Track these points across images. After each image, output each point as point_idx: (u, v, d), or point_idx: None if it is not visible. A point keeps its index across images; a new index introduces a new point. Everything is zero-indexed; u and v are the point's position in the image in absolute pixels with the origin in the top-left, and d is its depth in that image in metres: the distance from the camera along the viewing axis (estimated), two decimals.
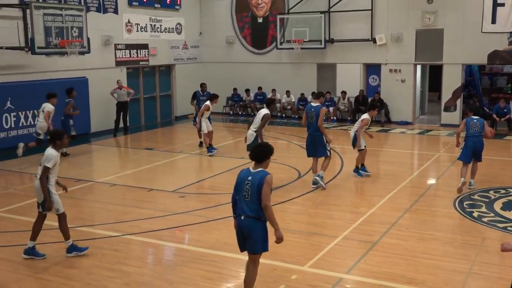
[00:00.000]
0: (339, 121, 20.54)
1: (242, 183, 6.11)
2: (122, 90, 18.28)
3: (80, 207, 10.29)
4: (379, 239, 8.36)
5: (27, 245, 7.86)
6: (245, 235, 6.14)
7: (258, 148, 6.36)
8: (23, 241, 8.42)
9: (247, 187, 6.06)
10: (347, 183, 11.82)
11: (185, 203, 10.52)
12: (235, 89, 22.31)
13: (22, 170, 13.40)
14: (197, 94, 17.10)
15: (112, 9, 18.86)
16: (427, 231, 8.80)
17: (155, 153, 15.49)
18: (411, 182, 12.08)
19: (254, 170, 6.17)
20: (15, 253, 7.98)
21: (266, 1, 22.10)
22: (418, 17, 19.34)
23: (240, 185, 6.13)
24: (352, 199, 10.74)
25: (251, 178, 6.09)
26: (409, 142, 17.25)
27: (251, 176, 6.11)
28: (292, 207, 10.19)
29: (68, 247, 7.88)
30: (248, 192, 6.05)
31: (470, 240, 8.41)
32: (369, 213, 9.67)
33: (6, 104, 15.09)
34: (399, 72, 19.98)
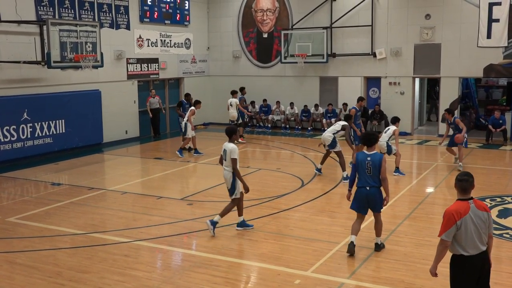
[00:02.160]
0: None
1: (364, 163, 7.74)
2: (155, 98, 19.38)
3: (93, 214, 10.30)
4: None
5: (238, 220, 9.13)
6: (370, 200, 7.84)
7: (370, 136, 7.97)
8: (38, 247, 8.46)
9: (368, 165, 7.72)
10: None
11: (193, 210, 10.52)
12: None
13: (37, 179, 13.45)
14: (183, 103, 17.92)
15: (125, 25, 18.99)
16: (425, 237, 8.75)
17: (165, 162, 15.52)
18: (410, 190, 12.04)
19: (370, 152, 7.81)
20: (31, 259, 8.00)
21: (271, 18, 22.20)
22: (416, 32, 19.37)
23: (362, 164, 7.75)
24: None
25: (370, 158, 7.74)
26: (408, 152, 17.19)
27: (370, 157, 7.76)
28: (295, 214, 10.17)
29: (240, 222, 9.13)
30: (370, 169, 7.73)
31: None
32: (370, 220, 9.61)
33: (23, 115, 15.17)
34: (398, 85, 19.98)
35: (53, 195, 11.80)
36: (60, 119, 16.31)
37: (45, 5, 15.90)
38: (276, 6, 22.00)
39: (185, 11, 21.75)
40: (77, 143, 16.95)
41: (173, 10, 21.10)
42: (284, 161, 15.48)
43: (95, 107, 17.56)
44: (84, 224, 9.68)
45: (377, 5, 20.01)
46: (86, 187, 12.43)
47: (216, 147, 17.61)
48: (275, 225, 9.48)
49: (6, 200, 11.63)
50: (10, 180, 13.43)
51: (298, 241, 8.64)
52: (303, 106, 21.40)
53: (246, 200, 10.41)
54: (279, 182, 12.91)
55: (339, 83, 21.12)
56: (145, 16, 19.73)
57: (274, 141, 19.08)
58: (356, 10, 20.28)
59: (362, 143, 8.13)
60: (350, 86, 20.75)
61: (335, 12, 20.70)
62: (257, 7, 22.40)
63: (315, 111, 21.12)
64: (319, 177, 13.16)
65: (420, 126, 21.90)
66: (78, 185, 12.72)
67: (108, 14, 18.21)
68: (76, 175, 13.83)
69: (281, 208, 10.45)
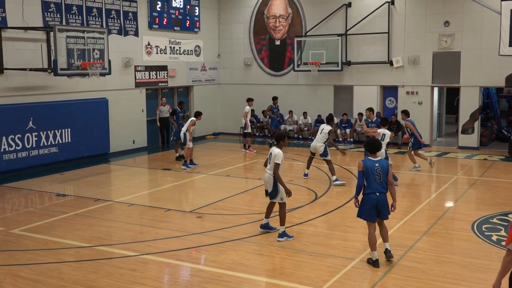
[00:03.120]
0: (356, 143, 20.48)
1: (373, 169, 7.96)
2: (165, 107, 19.40)
3: (99, 227, 10.34)
4: (397, 262, 8.27)
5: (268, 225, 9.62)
6: (380, 206, 8.01)
7: (374, 143, 8.25)
8: (42, 260, 8.50)
9: (378, 171, 7.96)
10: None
11: (202, 224, 10.52)
12: (252, 110, 22.37)
13: (42, 189, 13.54)
14: (177, 111, 18.17)
15: (133, 32, 19.16)
16: (445, 254, 8.69)
17: (173, 173, 15.56)
18: (429, 204, 11.97)
19: (376, 159, 8.08)
20: (35, 272, 8.04)
21: (283, 24, 22.29)
22: (435, 40, 19.34)
23: (371, 170, 7.95)
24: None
25: (378, 164, 8.00)
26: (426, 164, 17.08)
27: (377, 163, 8.02)
28: (309, 229, 10.14)
29: (281, 232, 9.29)
30: (380, 175, 7.96)
31: (489, 264, 8.27)
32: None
33: (28, 124, 15.30)
34: (416, 94, 19.93)
35: (58, 207, 11.87)
36: (66, 128, 16.44)
37: (52, 11, 16.10)
38: (289, 12, 22.10)
39: (195, 18, 21.90)
40: (83, 153, 17.06)
41: (183, 17, 21.26)
42: (297, 173, 15.45)
43: (102, 116, 17.69)
44: (90, 236, 9.71)
45: (394, 11, 20.02)
46: (92, 199, 12.49)
47: (226, 159, 17.67)
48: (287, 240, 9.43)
49: (10, 211, 11.72)
50: (14, 190, 13.54)
51: (311, 256, 8.61)
52: (316, 115, 21.39)
53: (257, 213, 10.42)
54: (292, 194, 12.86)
55: (354, 92, 21.11)
56: (154, 22, 19.90)
57: (287, 152, 19.06)
58: (372, 17, 20.30)
59: (367, 150, 8.31)
60: (365, 96, 20.73)
61: (350, 19, 20.73)
62: (269, 13, 22.50)
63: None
64: (334, 191, 13.13)
65: (439, 138, 21.79)
66: (84, 196, 12.79)
67: (116, 20, 18.39)
68: (82, 186, 13.91)
69: (294, 222, 10.42)
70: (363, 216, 8.18)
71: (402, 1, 19.81)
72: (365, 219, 8.19)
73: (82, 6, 17.05)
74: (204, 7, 22.40)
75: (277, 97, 20.91)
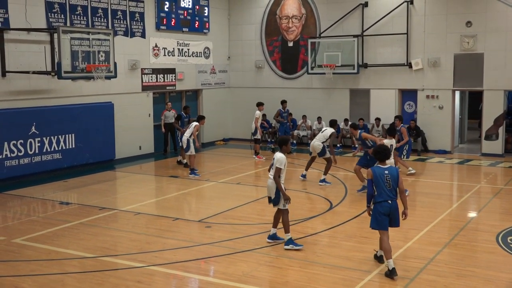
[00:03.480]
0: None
1: (382, 177, 8.20)
2: (170, 112, 19.37)
3: (103, 236, 10.39)
4: (416, 275, 8.23)
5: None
6: (392, 215, 8.25)
7: (384, 150, 8.48)
8: (45, 271, 8.56)
9: (387, 179, 8.21)
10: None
11: (211, 234, 10.53)
12: (264, 115, 22.39)
13: (45, 197, 13.64)
14: (182, 116, 18.43)
15: (140, 33, 19.28)
16: (468, 267, 8.62)
17: (181, 181, 15.60)
18: (450, 215, 11.90)
19: (385, 166, 8.34)
20: (37, 283, 8.09)
21: (297, 25, 22.33)
22: (456, 41, 19.27)
23: (380, 178, 8.19)
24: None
25: (388, 172, 8.25)
26: (448, 172, 17.01)
27: (387, 170, 8.27)
28: (323, 240, 10.12)
29: (287, 240, 9.41)
30: (390, 182, 8.21)
31: None
32: (405, 248, 9.54)
33: (31, 129, 15.42)
34: (437, 98, 19.85)
35: (61, 215, 11.95)
36: (70, 133, 16.56)
37: (56, 11, 16.26)
38: (303, 12, 22.14)
39: (205, 18, 22.01)
40: (88, 159, 17.16)
41: (192, 17, 21.37)
42: (310, 181, 15.43)
43: (107, 120, 17.79)
44: (94, 247, 9.76)
45: (413, 11, 19.99)
46: (96, 207, 12.55)
47: (236, 166, 17.69)
48: (301, 251, 9.42)
49: (11, 220, 11.82)
50: (16, 198, 13.65)
51: (326, 268, 8.59)
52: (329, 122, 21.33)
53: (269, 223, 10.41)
54: (305, 203, 12.88)
55: (371, 96, 21.06)
56: (161, 23, 20.02)
57: (300, 159, 19.04)
58: (390, 17, 20.28)
59: (376, 158, 8.58)
60: (383, 100, 20.68)
61: (366, 19, 20.73)
62: (282, 13, 22.56)
63: (345, 127, 21.06)
64: (350, 199, 13.10)
65: (461, 144, 21.67)
66: (88, 204, 12.86)
67: (123, 21, 18.53)
68: (86, 194, 13.99)
69: (308, 233, 10.41)
70: (377, 227, 8.35)
71: (422, 0, 19.77)
72: (380, 229, 8.36)
73: (87, 6, 17.20)
74: (213, 7, 22.51)
75: (285, 101, 20.89)
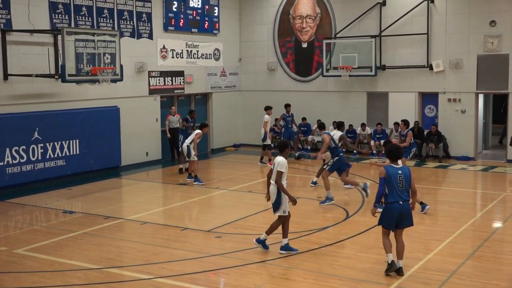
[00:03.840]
0: None
1: (395, 177, 8.43)
2: (175, 116, 19.35)
3: (109, 247, 10.42)
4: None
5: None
6: (403, 215, 8.48)
7: (396, 149, 8.68)
8: (48, 283, 8.59)
9: (400, 179, 8.44)
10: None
11: (221, 244, 10.53)
12: (276, 119, 22.40)
13: (48, 206, 13.71)
14: (188, 121, 18.52)
15: (147, 34, 19.39)
16: (492, 281, 8.56)
17: (189, 189, 15.63)
18: (474, 225, 11.81)
19: (398, 166, 8.56)
20: None
21: (311, 25, 22.34)
22: (479, 42, 19.18)
23: (394, 178, 8.41)
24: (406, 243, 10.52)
25: (401, 172, 8.48)
26: (471, 180, 16.90)
27: (400, 170, 8.50)
28: (339, 251, 10.09)
29: (283, 245, 9.72)
30: (402, 183, 8.44)
31: None
32: (426, 259, 9.48)
33: (34, 135, 15.53)
34: (459, 102, 19.75)
35: (65, 225, 12.01)
36: (74, 139, 16.66)
37: (60, 12, 16.40)
38: (317, 12, 22.16)
39: (215, 18, 22.10)
40: (93, 166, 17.25)
41: (201, 17, 21.46)
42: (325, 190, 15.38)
43: (113, 125, 17.88)
44: (99, 257, 9.79)
45: (433, 10, 19.94)
46: (101, 216, 12.60)
47: (247, 173, 17.70)
48: (316, 263, 9.41)
49: (13, 229, 11.89)
50: (18, 207, 13.74)
51: (342, 281, 8.55)
52: (347, 125, 21.31)
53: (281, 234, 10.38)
54: (320, 212, 12.85)
55: (389, 100, 21.00)
56: (169, 24, 20.13)
57: (315, 166, 19.01)
58: (409, 16, 20.24)
59: (388, 157, 8.79)
60: (402, 103, 20.60)
61: (385, 19, 20.70)
62: (295, 13, 22.59)
63: (362, 132, 21.02)
64: (367, 208, 13.03)
65: (485, 150, 21.53)
66: (93, 213, 12.91)
67: (129, 22, 18.65)
68: (90, 202, 14.06)
69: (323, 243, 10.38)
70: (384, 224, 8.67)
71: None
72: (386, 227, 8.67)
73: (92, 7, 17.33)
74: (224, 7, 22.59)
75: (289, 104, 20.84)
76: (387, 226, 8.63)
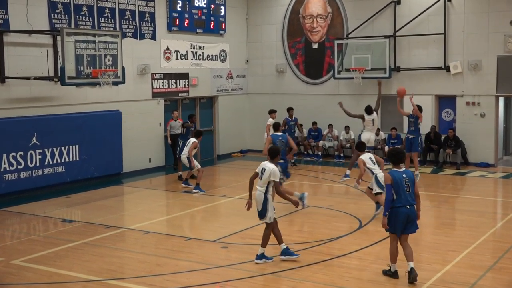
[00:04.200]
0: None
1: (401, 181, 8.75)
2: (177, 121, 19.32)
3: (110, 257, 10.44)
4: None
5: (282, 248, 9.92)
6: (410, 220, 8.81)
7: (398, 153, 9.06)
8: None
9: (406, 182, 8.78)
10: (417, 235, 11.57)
11: (228, 255, 10.54)
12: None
13: (47, 214, 13.76)
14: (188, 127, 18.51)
15: (150, 35, 19.46)
16: None
17: (194, 197, 15.64)
18: (494, 235, 11.77)
19: (401, 170, 8.89)
20: None
21: (322, 25, 22.36)
22: (499, 42, 19.13)
23: (400, 183, 8.74)
24: (423, 254, 10.52)
25: (405, 175, 8.83)
26: (491, 188, 16.83)
27: (404, 174, 8.85)
28: (351, 262, 10.06)
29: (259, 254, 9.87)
30: (409, 186, 8.79)
31: None
32: (444, 271, 9.45)
33: (32, 140, 15.59)
34: (478, 105, 19.69)
35: (64, 234, 12.05)
36: (74, 144, 16.72)
37: (59, 12, 16.49)
38: (329, 11, 22.18)
39: (221, 18, 22.16)
40: (93, 173, 17.30)
41: (207, 17, 21.52)
42: (337, 197, 15.38)
43: (114, 130, 17.93)
44: (100, 269, 9.81)
45: (451, 9, 19.91)
46: (102, 225, 12.63)
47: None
48: (327, 275, 9.39)
49: (10, 239, 11.93)
50: (15, 215, 13.79)
51: None
52: (360, 130, 21.27)
53: (291, 244, 10.39)
54: (331, 222, 12.83)
55: (404, 103, 20.94)
56: (173, 24, 20.20)
57: (326, 173, 19.00)
58: (425, 16, 20.22)
59: (390, 161, 9.15)
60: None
61: (399, 18, 20.69)
62: (305, 12, 22.62)
63: (376, 137, 20.96)
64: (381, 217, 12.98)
65: (505, 156, 21.44)
66: (93, 222, 12.94)
67: (131, 22, 18.73)
68: (91, 211, 14.09)
69: (334, 254, 10.36)
70: (390, 229, 8.99)
71: None
72: (391, 232, 8.99)
73: (93, 6, 17.42)
74: (230, 6, 22.66)
75: (292, 108, 20.84)
76: (393, 230, 8.93)
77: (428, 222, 12.42)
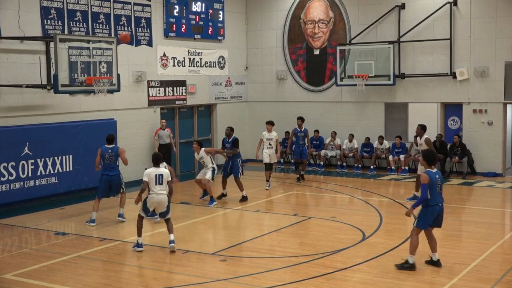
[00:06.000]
0: (412, 171, 20.26)
1: (435, 181, 9.87)
2: (165, 130, 19.34)
3: (105, 271, 10.46)
4: None
5: None
6: (439, 216, 10.06)
7: (433, 155, 10.21)
8: None
9: (438, 183, 9.93)
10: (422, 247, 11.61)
11: (227, 268, 10.55)
12: (287, 132, 22.45)
13: (39, 227, 13.78)
14: None
15: (146, 41, 19.55)
16: None
17: (192, 208, 15.67)
18: (502, 247, 11.78)
19: (435, 171, 9.99)
20: None
21: (324, 30, 22.45)
22: (507, 48, 19.20)
23: (434, 183, 9.86)
24: (428, 267, 10.56)
25: (438, 176, 9.95)
26: (499, 198, 16.85)
27: (437, 175, 9.97)
28: (355, 275, 10.08)
29: None
30: (440, 186, 9.97)
31: None
32: (450, 284, 9.47)
33: (24, 150, 15.63)
34: (485, 113, 19.74)
35: (57, 247, 12.06)
36: (67, 154, 16.75)
37: (52, 18, 16.57)
38: (331, 16, 22.28)
39: (219, 24, 22.25)
40: (87, 184, 17.30)
41: (205, 23, 21.62)
42: (340, 208, 15.40)
43: None
44: (95, 283, 9.83)
45: (457, 13, 20.01)
46: (97, 238, 12.65)
47: (254, 190, 17.72)
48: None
49: (1, 252, 11.92)
50: (6, 228, 13.80)
51: None
52: (364, 139, 21.36)
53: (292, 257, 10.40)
54: (334, 234, 12.85)
55: (409, 111, 21.02)
56: (170, 30, 20.28)
57: (328, 183, 19.03)
58: (431, 20, 20.31)
59: (427, 163, 10.09)
60: (423, 115, 20.56)
61: (404, 23, 20.78)
62: (306, 18, 22.73)
63: (379, 146, 21.02)
64: (385, 229, 13.04)
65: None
66: (88, 235, 12.96)
67: (127, 28, 18.80)
68: (85, 223, 14.10)
69: (337, 267, 10.38)
70: (422, 226, 10.04)
71: (467, 1, 19.79)
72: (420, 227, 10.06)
73: (87, 12, 17.51)
74: (229, 11, 22.75)
75: (302, 118, 20.51)
76: (423, 226, 10.02)
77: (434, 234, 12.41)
